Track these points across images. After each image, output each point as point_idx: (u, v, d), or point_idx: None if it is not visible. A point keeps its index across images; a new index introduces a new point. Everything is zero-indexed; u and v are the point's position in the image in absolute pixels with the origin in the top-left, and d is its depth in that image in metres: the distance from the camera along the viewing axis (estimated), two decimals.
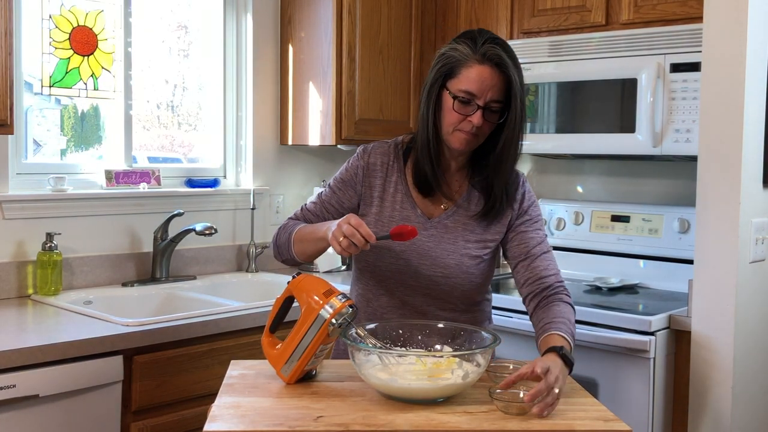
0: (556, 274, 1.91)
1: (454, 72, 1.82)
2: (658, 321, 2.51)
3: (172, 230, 3.00)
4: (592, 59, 2.92)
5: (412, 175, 1.94)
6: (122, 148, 3.05)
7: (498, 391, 1.61)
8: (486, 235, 1.93)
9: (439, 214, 1.94)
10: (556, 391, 1.57)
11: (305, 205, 2.04)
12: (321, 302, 1.68)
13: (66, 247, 2.79)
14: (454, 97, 1.81)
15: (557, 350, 1.68)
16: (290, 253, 1.95)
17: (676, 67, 2.74)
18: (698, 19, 2.60)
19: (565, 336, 1.75)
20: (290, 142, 3.45)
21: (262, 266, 3.36)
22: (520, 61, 1.86)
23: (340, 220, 1.74)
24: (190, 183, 3.24)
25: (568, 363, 1.67)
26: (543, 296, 1.87)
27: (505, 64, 1.79)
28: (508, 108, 1.82)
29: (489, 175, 1.90)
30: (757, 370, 2.56)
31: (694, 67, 2.68)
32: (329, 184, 2.03)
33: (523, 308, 2.60)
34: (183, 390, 2.39)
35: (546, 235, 1.97)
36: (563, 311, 1.82)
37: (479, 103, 1.80)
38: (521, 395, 1.59)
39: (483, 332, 1.76)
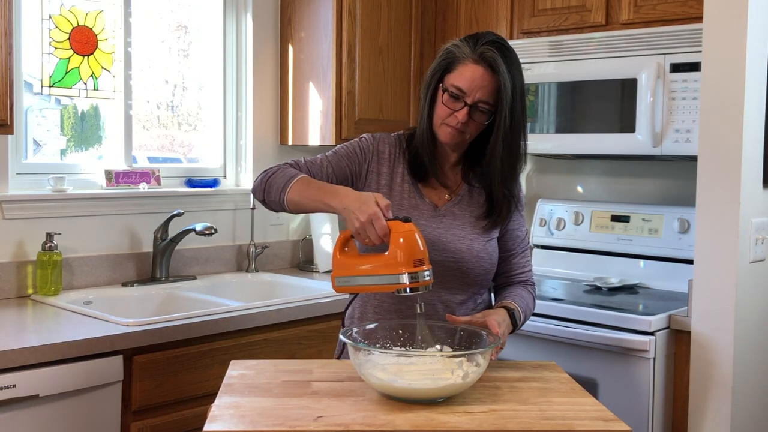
0: (530, 270, 2.09)
1: (451, 67, 1.87)
2: (658, 321, 2.51)
3: (172, 230, 3.00)
4: (592, 59, 2.92)
5: (409, 163, 1.97)
6: (122, 148, 3.05)
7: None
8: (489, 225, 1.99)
9: (445, 203, 1.98)
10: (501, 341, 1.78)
11: (304, 158, 1.97)
12: (405, 268, 1.66)
13: (66, 247, 2.79)
14: (445, 91, 1.87)
15: (507, 309, 1.90)
16: (280, 197, 1.86)
17: (676, 67, 2.74)
18: (698, 19, 2.60)
19: (518, 307, 1.93)
20: (290, 142, 3.45)
21: (262, 266, 3.36)
22: (520, 61, 1.87)
23: (366, 194, 1.72)
24: (190, 183, 3.24)
25: (514, 323, 1.89)
26: (515, 282, 2.05)
27: (497, 68, 1.82)
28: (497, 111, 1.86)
29: (486, 180, 1.95)
30: (757, 370, 2.56)
31: (694, 67, 2.69)
32: (334, 150, 1.99)
33: None
34: (183, 390, 2.39)
35: (526, 229, 2.11)
36: (525, 295, 2.01)
37: (467, 100, 1.85)
38: None
39: (483, 332, 1.76)
